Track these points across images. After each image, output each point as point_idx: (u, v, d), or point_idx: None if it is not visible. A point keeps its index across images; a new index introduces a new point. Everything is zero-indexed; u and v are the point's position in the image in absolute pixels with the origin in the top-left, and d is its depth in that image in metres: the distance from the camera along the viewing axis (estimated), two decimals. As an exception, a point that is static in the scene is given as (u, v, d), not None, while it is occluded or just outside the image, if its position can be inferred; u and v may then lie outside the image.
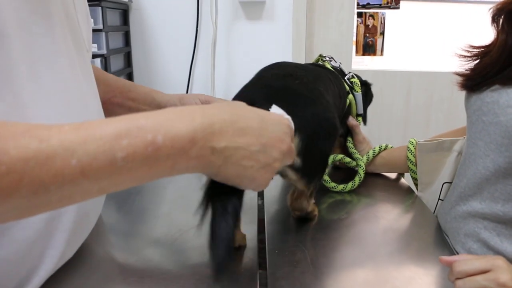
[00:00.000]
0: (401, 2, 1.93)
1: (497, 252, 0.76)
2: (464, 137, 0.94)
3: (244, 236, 0.76)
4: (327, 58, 1.09)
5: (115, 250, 0.76)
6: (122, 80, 0.80)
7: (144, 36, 1.85)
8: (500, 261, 0.60)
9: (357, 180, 1.02)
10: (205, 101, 0.68)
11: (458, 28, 2.07)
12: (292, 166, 0.70)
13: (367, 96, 1.15)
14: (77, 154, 0.39)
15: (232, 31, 1.78)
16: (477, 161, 0.79)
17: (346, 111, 1.06)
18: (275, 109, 0.64)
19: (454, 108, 1.96)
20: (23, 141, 0.37)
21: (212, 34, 1.75)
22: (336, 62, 1.09)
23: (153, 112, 0.45)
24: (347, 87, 1.06)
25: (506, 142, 0.73)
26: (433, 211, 0.96)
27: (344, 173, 1.10)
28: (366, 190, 1.03)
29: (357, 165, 1.06)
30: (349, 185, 1.02)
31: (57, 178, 0.39)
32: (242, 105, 0.54)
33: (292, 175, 0.73)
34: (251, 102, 0.58)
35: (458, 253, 0.82)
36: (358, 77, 1.11)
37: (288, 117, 0.63)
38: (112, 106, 0.78)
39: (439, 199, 0.95)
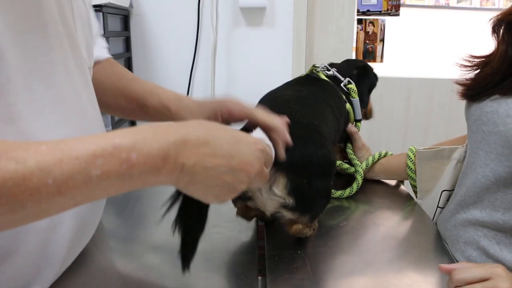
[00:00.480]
0: (401, 9, 1.94)
1: (496, 260, 0.76)
2: (463, 146, 0.94)
3: None
4: (320, 68, 1.08)
5: (114, 256, 0.76)
6: (140, 89, 0.79)
7: (144, 42, 1.85)
8: (499, 269, 0.61)
9: (355, 186, 1.03)
10: (227, 109, 0.70)
11: (458, 35, 2.08)
12: (286, 206, 0.71)
13: (369, 79, 1.14)
14: (53, 174, 0.40)
15: (233, 37, 1.79)
16: (477, 170, 0.80)
17: (346, 120, 1.06)
18: (257, 132, 0.64)
19: (454, 114, 1.96)
20: (0, 163, 0.38)
21: (212, 40, 1.76)
22: (330, 69, 1.08)
23: (130, 130, 0.46)
24: (344, 96, 1.05)
25: (506, 151, 0.73)
26: (432, 218, 0.96)
27: (343, 179, 1.10)
28: (365, 197, 1.03)
29: (356, 171, 1.06)
30: (347, 191, 1.02)
31: (33, 197, 0.40)
32: (218, 125, 0.54)
33: (289, 214, 0.73)
34: None
35: (457, 261, 0.82)
36: (358, 62, 1.09)
37: (269, 143, 0.63)
38: (135, 117, 0.80)
39: (438, 206, 0.95)
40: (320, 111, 0.84)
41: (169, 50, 1.79)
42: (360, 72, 1.13)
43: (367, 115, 1.19)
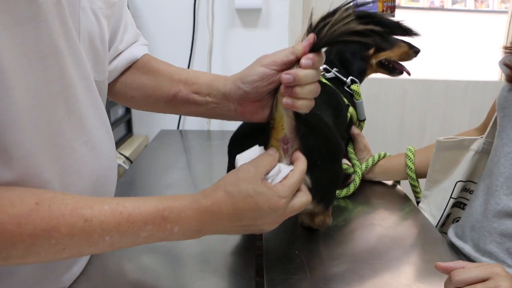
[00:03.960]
0: (396, 10, 1.95)
1: None
2: (481, 137, 0.94)
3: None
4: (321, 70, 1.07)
5: (111, 257, 0.76)
6: (185, 72, 0.76)
7: (146, 41, 1.84)
8: (498, 268, 0.60)
9: (352, 187, 1.03)
10: (269, 64, 0.66)
11: (453, 36, 2.09)
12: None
13: (357, 64, 1.10)
14: (111, 233, 0.51)
15: (228, 38, 1.79)
16: None
17: (348, 124, 1.06)
18: (239, 159, 0.64)
19: (449, 115, 1.97)
20: (71, 220, 0.48)
21: (208, 41, 1.76)
22: (330, 70, 1.05)
23: (178, 206, 0.55)
24: (346, 99, 1.03)
25: None
26: (443, 209, 0.96)
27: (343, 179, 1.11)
28: (363, 198, 1.04)
29: (354, 171, 1.06)
30: (344, 192, 1.02)
31: (91, 248, 0.51)
32: (243, 194, 0.58)
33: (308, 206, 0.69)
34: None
35: (464, 259, 0.81)
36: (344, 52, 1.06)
37: (239, 163, 0.64)
38: (177, 103, 0.76)
39: (451, 197, 0.95)
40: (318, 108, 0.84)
41: (165, 51, 1.79)
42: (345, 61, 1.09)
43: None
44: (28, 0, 0.48)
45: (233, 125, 0.79)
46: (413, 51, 1.12)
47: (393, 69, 1.14)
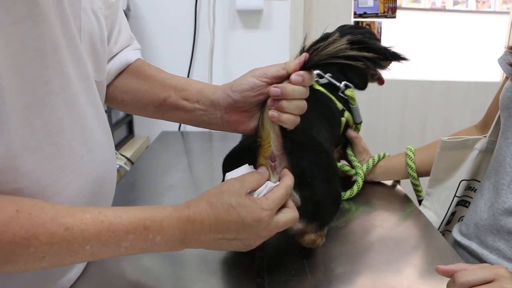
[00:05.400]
0: (397, 11, 1.95)
1: None
2: (485, 136, 0.94)
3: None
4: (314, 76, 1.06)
5: (111, 258, 0.76)
6: (176, 78, 0.77)
7: (142, 45, 1.84)
8: (502, 270, 0.60)
9: (355, 188, 1.03)
10: (260, 76, 0.66)
11: (454, 37, 2.09)
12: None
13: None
14: (92, 242, 0.50)
15: (229, 39, 1.79)
16: None
17: (345, 128, 1.05)
18: (228, 177, 0.64)
19: (450, 116, 1.97)
20: (51, 228, 0.47)
21: (209, 42, 1.76)
22: (323, 76, 1.03)
23: (159, 216, 0.55)
24: (341, 105, 1.02)
25: None
26: (447, 207, 0.96)
27: (343, 181, 1.10)
28: (364, 199, 1.03)
29: (356, 173, 1.06)
30: (347, 193, 1.02)
31: (71, 258, 0.50)
32: (226, 205, 0.58)
33: (297, 225, 0.68)
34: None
35: (474, 260, 0.81)
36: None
37: (228, 176, 0.64)
38: (168, 108, 0.76)
39: (455, 195, 0.95)
40: (310, 125, 0.82)
41: (167, 53, 1.79)
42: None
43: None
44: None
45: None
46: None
47: (373, 75, 1.15)
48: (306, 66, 0.61)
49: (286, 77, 0.63)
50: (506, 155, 0.82)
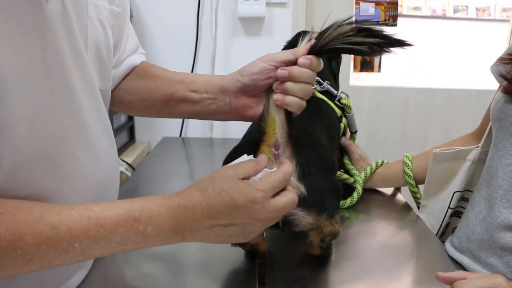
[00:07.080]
0: (398, 19, 1.96)
1: None
2: (477, 146, 0.94)
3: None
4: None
5: (111, 264, 0.76)
6: (183, 73, 0.78)
7: (144, 51, 1.86)
8: (500, 279, 0.60)
9: (355, 196, 1.03)
10: (269, 60, 0.66)
11: (455, 45, 2.10)
12: (300, 202, 0.63)
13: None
14: (80, 239, 0.49)
15: (231, 46, 1.80)
16: None
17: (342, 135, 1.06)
18: (241, 158, 0.63)
19: (452, 124, 1.97)
20: (37, 228, 0.46)
21: (211, 49, 1.77)
22: (322, 83, 1.03)
23: (149, 205, 0.53)
24: (339, 112, 1.02)
25: None
26: (441, 219, 0.95)
27: (343, 189, 1.10)
28: (364, 206, 1.04)
29: (355, 181, 1.06)
30: (348, 201, 1.02)
31: (61, 258, 0.49)
32: (218, 188, 0.56)
33: (304, 215, 0.67)
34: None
35: (463, 269, 0.80)
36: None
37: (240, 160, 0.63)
38: (175, 103, 0.76)
39: (449, 207, 0.95)
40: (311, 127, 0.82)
41: (169, 59, 1.80)
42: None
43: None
44: (34, 10, 0.49)
45: (235, 133, 0.80)
46: None
47: None
48: (313, 51, 0.63)
49: (294, 62, 0.64)
50: (498, 168, 0.81)
